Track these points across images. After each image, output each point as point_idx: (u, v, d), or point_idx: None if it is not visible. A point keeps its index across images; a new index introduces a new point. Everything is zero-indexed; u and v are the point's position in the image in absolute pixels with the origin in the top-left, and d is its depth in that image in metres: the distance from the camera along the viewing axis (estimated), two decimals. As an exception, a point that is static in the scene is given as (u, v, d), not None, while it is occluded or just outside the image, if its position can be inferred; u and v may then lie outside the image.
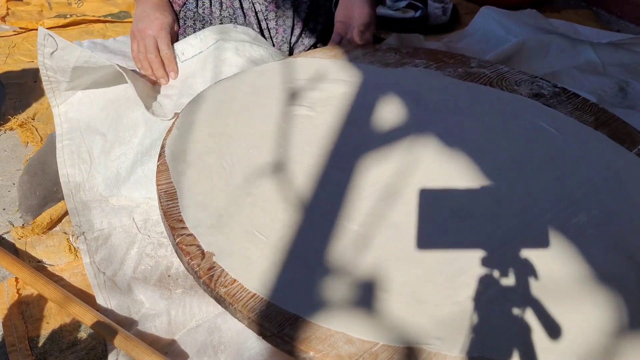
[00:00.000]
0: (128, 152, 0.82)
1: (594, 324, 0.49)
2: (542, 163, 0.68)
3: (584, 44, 1.21)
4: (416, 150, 0.69)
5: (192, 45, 0.91)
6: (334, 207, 0.61)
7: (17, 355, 0.63)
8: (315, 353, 0.46)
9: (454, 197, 0.62)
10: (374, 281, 0.53)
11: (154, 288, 0.70)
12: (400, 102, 0.78)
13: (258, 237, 0.57)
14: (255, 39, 0.94)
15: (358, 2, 0.93)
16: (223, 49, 0.89)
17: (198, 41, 0.91)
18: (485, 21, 1.35)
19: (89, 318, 0.64)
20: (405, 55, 0.91)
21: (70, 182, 0.83)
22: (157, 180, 0.64)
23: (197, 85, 0.86)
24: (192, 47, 0.91)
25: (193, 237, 0.57)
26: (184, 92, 0.86)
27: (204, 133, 0.70)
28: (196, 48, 0.90)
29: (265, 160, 0.67)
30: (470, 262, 0.55)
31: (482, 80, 0.85)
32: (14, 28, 1.45)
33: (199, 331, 0.65)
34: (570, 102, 0.80)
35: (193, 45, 0.91)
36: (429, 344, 0.47)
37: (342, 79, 0.82)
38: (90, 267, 0.73)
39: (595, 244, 0.57)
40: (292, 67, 0.84)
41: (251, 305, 0.50)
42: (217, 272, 0.53)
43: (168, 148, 0.68)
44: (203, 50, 0.90)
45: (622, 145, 0.71)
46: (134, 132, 0.83)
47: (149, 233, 0.77)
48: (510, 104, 0.79)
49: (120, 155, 0.82)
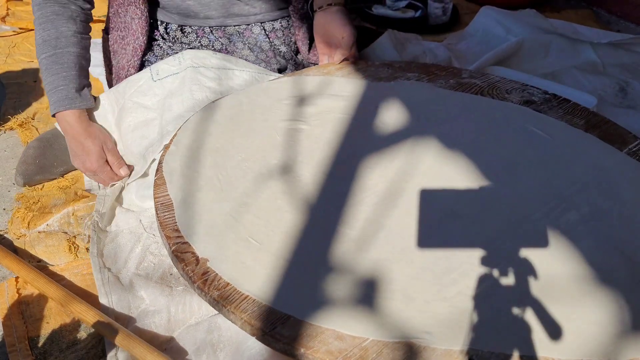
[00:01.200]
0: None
1: (584, 317, 0.50)
2: (532, 165, 0.69)
3: (584, 44, 1.21)
4: (409, 158, 0.70)
5: (169, 65, 0.89)
6: (327, 212, 0.62)
7: (17, 355, 0.63)
8: (306, 350, 0.48)
9: (445, 200, 0.64)
10: (365, 280, 0.54)
11: (155, 285, 0.71)
12: (393, 113, 0.79)
13: (251, 242, 0.59)
14: (237, 65, 0.92)
15: (339, 22, 0.91)
16: (199, 72, 0.88)
17: (176, 62, 0.89)
18: (485, 21, 1.35)
19: (91, 316, 0.65)
20: (398, 69, 0.92)
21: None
22: (154, 193, 0.66)
23: (175, 105, 0.85)
24: (168, 66, 0.89)
25: (188, 244, 0.59)
26: (165, 115, 0.85)
27: (200, 149, 0.73)
28: (174, 68, 0.88)
29: (260, 171, 0.68)
30: (459, 260, 0.56)
31: (473, 90, 0.86)
32: (14, 28, 1.46)
33: (198, 329, 0.65)
34: (560, 107, 0.81)
35: (170, 65, 0.89)
36: (418, 338, 0.48)
37: (335, 94, 0.84)
38: (96, 260, 0.74)
39: (585, 240, 0.58)
40: (286, 85, 0.86)
41: (244, 307, 0.52)
42: (210, 277, 0.55)
43: (166, 163, 0.70)
44: (179, 72, 0.88)
45: (613, 146, 0.72)
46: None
47: (154, 232, 0.79)
48: (501, 111, 0.80)
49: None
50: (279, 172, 0.68)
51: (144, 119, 0.86)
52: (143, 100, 0.87)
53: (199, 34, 0.95)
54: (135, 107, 0.86)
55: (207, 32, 0.95)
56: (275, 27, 0.97)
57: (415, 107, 0.80)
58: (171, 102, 0.85)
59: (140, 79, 0.88)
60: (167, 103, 0.85)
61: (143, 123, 0.86)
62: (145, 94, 0.87)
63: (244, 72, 0.91)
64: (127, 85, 0.88)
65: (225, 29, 0.96)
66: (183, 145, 0.73)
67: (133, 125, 0.86)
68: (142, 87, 0.88)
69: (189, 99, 0.84)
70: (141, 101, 0.87)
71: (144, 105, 0.87)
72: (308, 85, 0.86)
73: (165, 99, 0.86)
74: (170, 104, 0.85)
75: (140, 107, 0.87)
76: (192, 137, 0.74)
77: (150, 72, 0.89)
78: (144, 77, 0.88)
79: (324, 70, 0.91)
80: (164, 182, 0.67)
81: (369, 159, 0.70)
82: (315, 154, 0.71)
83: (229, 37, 0.96)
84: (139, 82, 0.88)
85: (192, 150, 0.72)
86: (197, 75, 0.87)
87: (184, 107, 0.84)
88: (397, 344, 0.48)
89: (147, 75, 0.88)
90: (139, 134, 0.85)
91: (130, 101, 0.87)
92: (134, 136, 0.85)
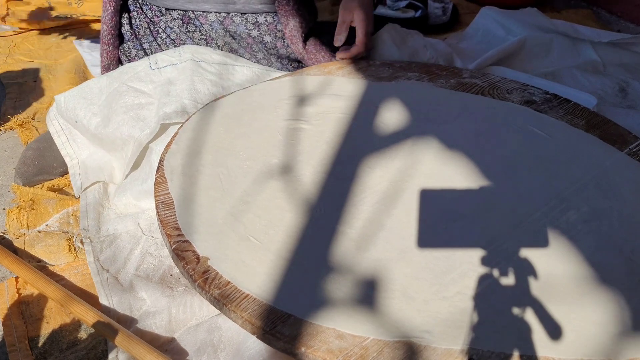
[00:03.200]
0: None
1: (584, 316, 0.50)
2: (532, 165, 0.69)
3: (584, 43, 1.20)
4: (409, 158, 0.70)
5: (168, 56, 0.89)
6: (327, 211, 0.62)
7: (17, 355, 0.63)
8: (306, 349, 0.48)
9: (445, 200, 0.64)
10: (365, 280, 0.54)
11: (156, 286, 0.71)
12: (394, 113, 0.79)
13: (252, 241, 0.59)
14: (236, 61, 0.92)
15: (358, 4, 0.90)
16: (199, 65, 0.88)
17: (177, 54, 0.89)
18: (485, 22, 1.35)
19: (91, 317, 0.65)
20: (398, 69, 0.92)
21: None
22: (155, 192, 0.66)
23: (173, 91, 0.84)
24: (168, 57, 0.89)
25: (189, 243, 0.58)
26: (162, 99, 0.84)
27: (201, 147, 0.73)
28: (174, 59, 0.89)
29: (261, 170, 0.68)
30: (459, 260, 0.56)
31: (474, 89, 0.86)
32: (14, 28, 1.46)
33: (199, 330, 0.65)
34: (561, 107, 0.81)
35: (170, 55, 0.89)
36: (419, 338, 0.48)
37: (336, 93, 0.84)
38: (93, 265, 0.75)
39: (585, 240, 0.58)
40: (286, 85, 0.86)
41: (244, 306, 0.52)
42: (211, 275, 0.55)
43: (167, 162, 0.70)
44: (179, 63, 0.87)
45: (613, 146, 0.72)
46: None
47: (153, 234, 0.79)
48: (502, 111, 0.81)
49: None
50: (279, 171, 0.68)
51: (139, 102, 0.84)
52: (139, 86, 0.86)
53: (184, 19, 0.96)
54: (131, 90, 0.85)
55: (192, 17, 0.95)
56: (259, 21, 0.95)
57: (416, 107, 0.80)
58: (169, 88, 0.84)
59: (137, 66, 0.88)
60: (166, 89, 0.84)
61: (138, 105, 0.84)
62: (142, 80, 0.86)
63: (244, 68, 0.91)
64: (122, 71, 0.88)
65: (207, 16, 0.95)
66: (184, 144, 0.73)
67: (126, 106, 0.84)
68: (140, 74, 0.87)
69: (189, 88, 0.84)
70: (137, 86, 0.86)
71: (140, 90, 0.86)
72: (309, 85, 0.86)
73: (163, 85, 0.85)
74: (168, 89, 0.84)
75: (135, 91, 0.85)
76: (193, 136, 0.74)
77: (149, 61, 0.88)
78: (142, 64, 0.88)
79: (324, 70, 0.91)
80: (164, 180, 0.67)
81: (369, 158, 0.70)
82: (316, 154, 0.71)
83: (210, 24, 0.95)
84: (137, 69, 0.87)
85: (193, 149, 0.72)
86: (198, 68, 0.86)
87: (183, 94, 0.83)
88: (398, 343, 0.48)
89: (145, 64, 0.88)
90: (132, 115, 0.83)
91: (125, 85, 0.86)
92: (125, 117, 0.83)
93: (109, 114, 0.85)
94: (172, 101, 0.82)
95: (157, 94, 0.85)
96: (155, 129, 0.80)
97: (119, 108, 0.84)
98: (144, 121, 0.82)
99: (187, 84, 0.84)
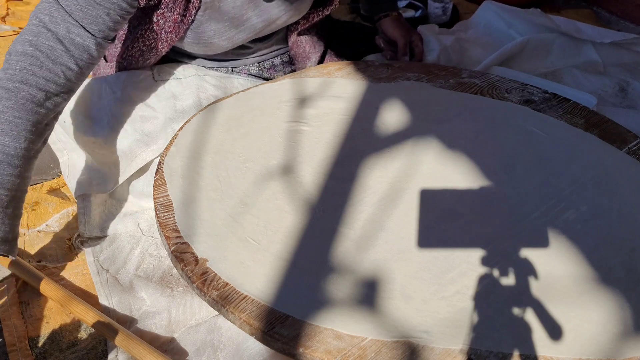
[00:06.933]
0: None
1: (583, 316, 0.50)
2: (531, 164, 0.69)
3: (586, 43, 1.20)
4: (409, 158, 0.70)
5: (172, 69, 0.89)
6: (326, 212, 0.63)
7: (17, 355, 0.63)
8: (304, 349, 0.48)
9: (445, 200, 0.64)
10: (364, 280, 0.54)
11: (156, 286, 0.71)
12: (393, 113, 0.79)
13: (251, 243, 0.59)
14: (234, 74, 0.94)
15: (405, 25, 1.06)
16: (203, 80, 0.88)
17: (180, 69, 0.89)
18: (486, 15, 1.35)
19: (91, 317, 0.65)
20: (397, 70, 0.92)
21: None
22: (154, 194, 0.66)
23: (179, 105, 0.84)
24: (171, 69, 0.89)
25: (187, 245, 0.59)
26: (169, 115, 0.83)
27: (201, 149, 0.73)
28: (178, 73, 0.88)
29: (261, 171, 0.68)
30: (458, 259, 0.56)
31: (473, 89, 0.86)
32: (14, 28, 1.46)
33: (199, 330, 0.65)
34: (560, 106, 0.81)
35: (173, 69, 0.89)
36: (417, 337, 0.48)
37: (336, 95, 0.84)
38: (93, 265, 0.75)
39: (584, 239, 0.58)
40: (286, 86, 0.86)
41: (243, 307, 0.52)
42: (209, 277, 0.55)
43: (166, 164, 0.70)
44: (183, 78, 0.87)
45: (613, 145, 0.72)
46: None
47: (152, 234, 0.79)
48: (501, 110, 0.81)
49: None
50: (278, 172, 0.68)
51: (142, 114, 0.83)
52: (142, 97, 0.84)
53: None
54: (132, 101, 0.84)
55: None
56: (275, 63, 0.99)
57: (415, 107, 0.80)
58: (175, 103, 0.84)
59: (139, 74, 0.87)
60: (171, 103, 0.84)
61: (141, 118, 0.83)
62: (144, 91, 0.85)
63: (246, 80, 0.92)
64: (121, 77, 0.86)
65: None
66: (183, 146, 0.73)
67: (129, 118, 0.83)
68: (141, 84, 0.86)
69: (196, 104, 0.84)
70: (139, 97, 0.84)
71: (142, 101, 0.84)
72: (309, 87, 0.86)
73: (168, 99, 0.85)
74: (174, 104, 0.84)
75: (137, 103, 0.84)
76: (193, 138, 0.74)
77: (152, 71, 0.88)
78: (144, 74, 0.87)
79: (324, 71, 0.91)
80: (164, 182, 0.67)
81: (368, 159, 0.70)
82: (316, 155, 0.71)
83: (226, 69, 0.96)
84: (138, 76, 0.87)
85: (192, 151, 0.72)
86: (202, 82, 0.87)
87: (191, 110, 0.84)
88: (396, 343, 0.48)
89: (147, 73, 0.87)
90: (135, 127, 0.82)
91: (126, 94, 0.84)
92: (128, 128, 0.82)
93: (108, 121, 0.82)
94: (179, 117, 0.82)
95: (161, 108, 0.84)
96: (162, 147, 0.79)
97: (121, 117, 0.82)
98: (148, 136, 0.81)
99: (194, 100, 0.85)
